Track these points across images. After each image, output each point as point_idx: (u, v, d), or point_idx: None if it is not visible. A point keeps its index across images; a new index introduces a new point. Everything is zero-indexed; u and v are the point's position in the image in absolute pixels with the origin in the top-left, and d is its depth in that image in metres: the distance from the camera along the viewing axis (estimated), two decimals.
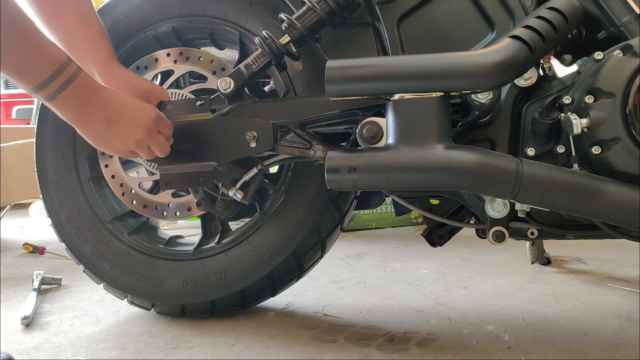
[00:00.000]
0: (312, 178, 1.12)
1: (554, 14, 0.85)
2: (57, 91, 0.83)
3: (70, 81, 0.84)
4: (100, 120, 0.90)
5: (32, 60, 0.80)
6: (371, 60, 0.88)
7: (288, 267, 1.15)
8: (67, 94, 0.84)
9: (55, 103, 0.85)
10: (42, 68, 0.81)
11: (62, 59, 0.83)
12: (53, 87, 0.82)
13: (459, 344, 1.02)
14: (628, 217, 0.80)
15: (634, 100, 0.79)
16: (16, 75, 0.80)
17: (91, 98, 0.88)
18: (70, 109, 0.87)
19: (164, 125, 1.00)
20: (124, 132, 0.93)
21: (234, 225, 1.30)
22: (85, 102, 0.87)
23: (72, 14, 1.02)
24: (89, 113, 0.89)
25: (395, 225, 2.33)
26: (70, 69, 0.84)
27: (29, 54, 0.79)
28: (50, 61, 0.82)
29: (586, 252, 1.68)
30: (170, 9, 1.19)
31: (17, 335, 1.15)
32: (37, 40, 0.80)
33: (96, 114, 0.89)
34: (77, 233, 1.22)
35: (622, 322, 1.10)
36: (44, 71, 0.81)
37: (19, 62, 0.79)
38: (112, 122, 0.91)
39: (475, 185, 0.82)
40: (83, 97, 0.87)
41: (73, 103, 0.86)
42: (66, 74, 0.83)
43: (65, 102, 0.85)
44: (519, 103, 0.94)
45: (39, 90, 0.82)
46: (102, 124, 0.90)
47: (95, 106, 0.89)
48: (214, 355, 1.01)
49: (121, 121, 0.92)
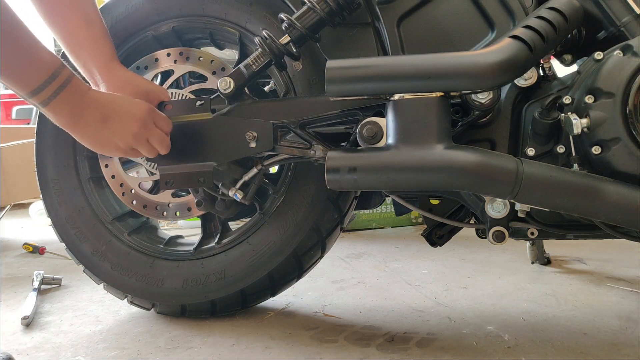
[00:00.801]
0: (312, 178, 1.12)
1: (554, 14, 0.85)
2: (51, 96, 0.83)
3: (64, 86, 0.84)
4: (95, 120, 0.90)
5: (27, 66, 0.80)
6: (371, 60, 0.88)
7: (288, 267, 1.15)
8: (61, 98, 0.85)
9: (49, 108, 0.85)
10: (37, 73, 0.81)
11: (56, 64, 0.84)
12: (48, 92, 0.83)
13: (459, 344, 1.02)
14: (628, 217, 0.80)
15: (634, 100, 0.79)
16: (11, 80, 0.81)
17: (83, 100, 0.89)
18: (64, 114, 0.87)
19: (160, 118, 0.99)
20: (120, 127, 0.93)
21: (234, 225, 1.30)
22: (79, 105, 0.88)
23: (74, 14, 1.02)
24: (82, 115, 0.89)
25: (395, 225, 2.33)
26: (64, 74, 0.84)
27: (24, 60, 0.80)
28: (45, 66, 0.82)
29: (586, 252, 1.68)
30: (170, 9, 1.19)
31: (17, 335, 1.15)
32: (31, 46, 0.81)
33: (90, 114, 0.90)
34: (77, 233, 1.22)
35: (622, 322, 1.10)
36: (38, 76, 0.81)
37: (14, 67, 0.79)
38: (107, 119, 0.91)
39: (475, 185, 0.82)
40: (76, 101, 0.87)
41: (67, 107, 0.87)
42: (60, 79, 0.84)
43: (59, 106, 0.86)
44: (519, 103, 0.94)
45: (34, 95, 0.82)
46: (97, 123, 0.91)
47: (87, 108, 0.89)
48: (214, 355, 1.01)
49: (115, 117, 0.92)
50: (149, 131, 0.97)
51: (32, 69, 0.81)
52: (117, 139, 0.93)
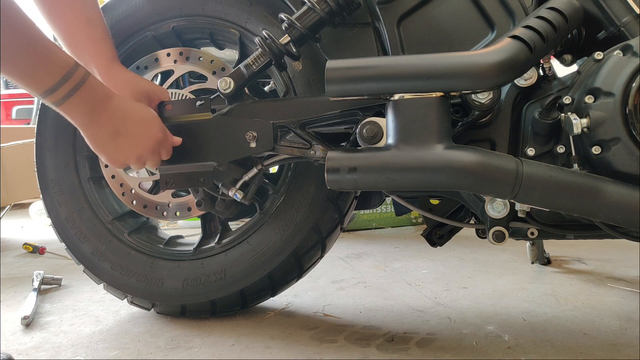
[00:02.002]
0: (312, 178, 1.12)
1: (554, 14, 0.85)
2: (65, 96, 0.83)
3: (79, 87, 0.84)
4: (106, 131, 0.90)
5: (40, 66, 0.80)
6: (371, 60, 0.88)
7: (288, 267, 1.15)
8: (76, 99, 0.84)
9: (63, 108, 0.85)
10: (50, 73, 0.81)
11: (69, 64, 0.83)
12: (61, 92, 0.83)
13: (459, 344, 1.02)
14: (628, 217, 0.80)
15: (634, 100, 0.79)
16: (25, 80, 0.81)
17: (100, 105, 0.89)
18: (78, 114, 0.87)
19: (165, 147, 1.00)
20: (128, 147, 0.94)
21: (234, 225, 1.30)
22: (95, 109, 0.88)
23: (76, 14, 1.02)
24: (97, 120, 0.89)
25: (395, 225, 2.33)
26: (78, 75, 0.84)
27: (37, 60, 0.80)
28: (59, 67, 0.82)
29: (586, 252, 1.68)
30: (170, 9, 1.19)
31: (17, 335, 1.15)
32: (44, 46, 0.81)
33: (104, 122, 0.90)
34: (77, 233, 1.22)
35: (622, 322, 1.10)
36: (52, 77, 0.81)
37: (28, 67, 0.79)
38: (118, 135, 0.92)
39: (475, 185, 0.82)
40: (92, 103, 0.87)
41: (81, 108, 0.86)
42: (74, 79, 0.83)
43: (74, 107, 0.86)
44: (519, 103, 0.94)
45: (48, 96, 0.82)
46: (109, 134, 0.91)
47: (103, 114, 0.89)
48: (214, 355, 1.01)
49: (127, 136, 0.93)
50: (152, 157, 0.98)
51: (46, 69, 0.81)
52: (120, 154, 0.94)
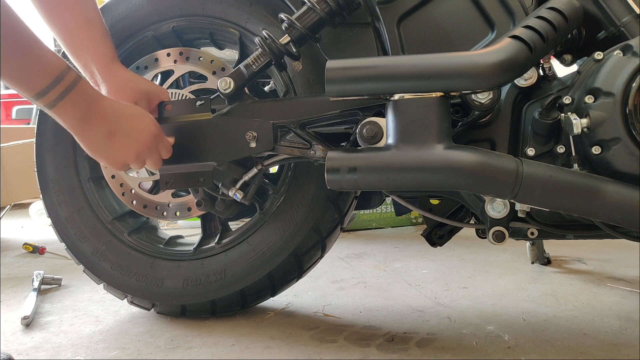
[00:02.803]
0: (312, 178, 1.12)
1: (554, 14, 0.85)
2: (57, 99, 0.83)
3: (70, 89, 0.84)
4: (100, 132, 0.90)
5: (31, 69, 0.80)
6: (371, 60, 0.88)
7: (288, 267, 1.15)
8: (67, 102, 0.84)
9: (55, 111, 0.85)
10: (41, 76, 0.81)
11: (61, 67, 0.83)
12: (52, 95, 0.82)
13: (459, 344, 1.02)
14: (628, 217, 0.80)
15: (634, 100, 0.79)
16: (16, 83, 0.80)
17: (92, 107, 0.88)
18: (70, 117, 0.87)
19: (163, 144, 1.00)
20: (125, 146, 0.93)
21: (234, 225, 1.30)
22: (86, 111, 0.87)
23: (75, 14, 1.02)
24: (90, 122, 0.88)
25: (395, 225, 2.33)
26: (69, 78, 0.84)
27: (28, 62, 0.79)
28: (50, 69, 0.82)
29: (586, 252, 1.68)
30: (170, 9, 1.19)
31: (17, 335, 1.15)
32: (36, 49, 0.80)
33: (96, 124, 0.89)
34: (77, 233, 1.22)
35: (622, 322, 1.10)
36: (43, 79, 0.81)
37: (19, 70, 0.79)
38: (113, 135, 0.91)
39: (475, 185, 0.82)
40: (83, 106, 0.87)
41: (73, 111, 0.86)
42: (65, 82, 0.83)
43: (66, 110, 0.85)
44: (519, 103, 0.94)
45: (39, 98, 0.82)
46: (102, 136, 0.90)
47: (96, 116, 0.89)
48: (214, 355, 1.01)
49: (122, 135, 0.92)
50: (151, 154, 0.97)
51: (36, 71, 0.81)
52: (118, 155, 0.93)
